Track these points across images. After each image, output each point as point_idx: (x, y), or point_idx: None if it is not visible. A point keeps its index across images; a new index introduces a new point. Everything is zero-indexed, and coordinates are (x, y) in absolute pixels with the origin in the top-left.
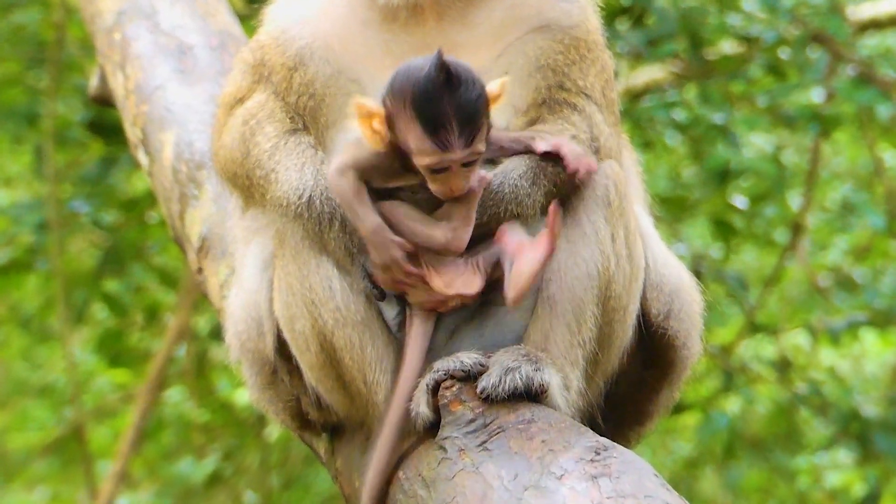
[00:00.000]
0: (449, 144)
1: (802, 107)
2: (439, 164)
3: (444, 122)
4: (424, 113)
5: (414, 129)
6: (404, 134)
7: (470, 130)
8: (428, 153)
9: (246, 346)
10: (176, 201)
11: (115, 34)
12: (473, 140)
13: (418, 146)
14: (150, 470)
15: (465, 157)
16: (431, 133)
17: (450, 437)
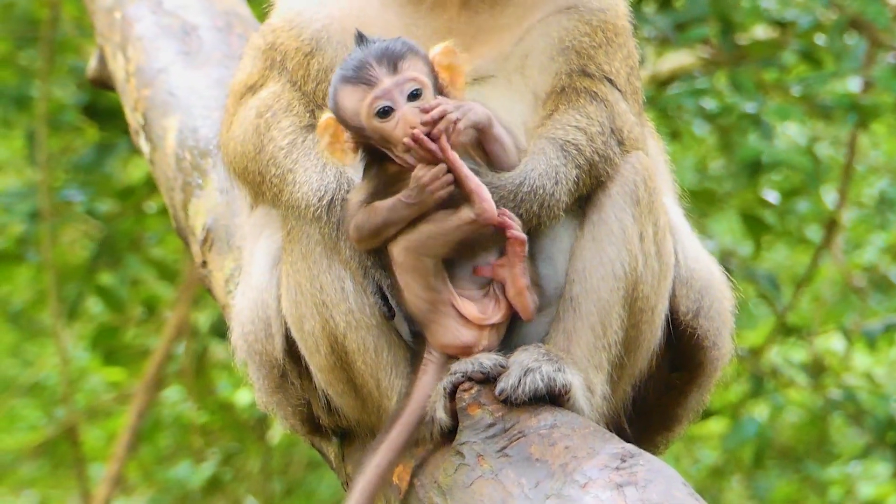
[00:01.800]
0: (374, 77)
1: (839, 96)
2: (378, 103)
3: (363, 63)
4: (345, 71)
5: (346, 93)
6: (346, 111)
7: (389, 58)
8: (362, 99)
9: (253, 348)
10: (179, 191)
11: (116, 14)
12: (397, 67)
13: (356, 103)
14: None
15: (398, 84)
16: (355, 79)
17: (468, 443)
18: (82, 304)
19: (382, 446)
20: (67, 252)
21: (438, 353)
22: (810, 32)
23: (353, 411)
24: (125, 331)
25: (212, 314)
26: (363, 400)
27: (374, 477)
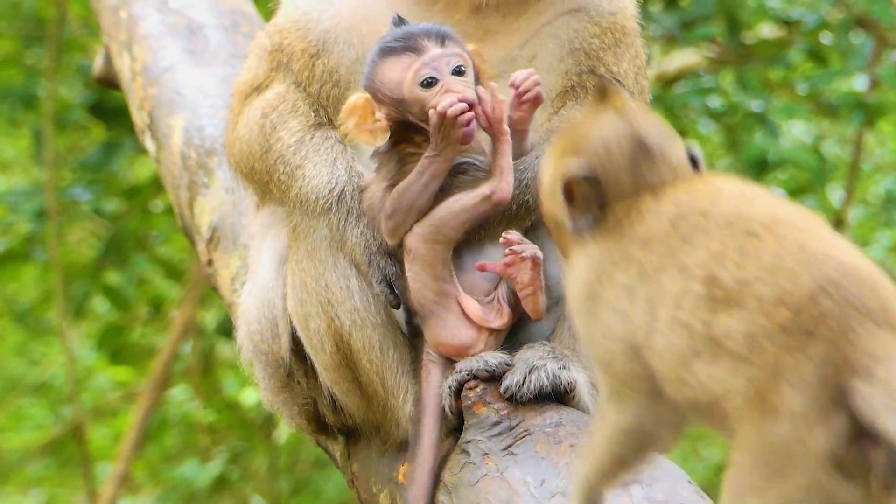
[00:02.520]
0: (422, 47)
1: (845, 95)
2: (425, 70)
3: (409, 35)
4: (388, 43)
5: (388, 64)
6: (387, 84)
7: (437, 34)
8: (409, 67)
9: (260, 347)
10: (185, 189)
11: (122, 12)
12: (446, 42)
13: (400, 72)
14: (152, 473)
15: (445, 55)
16: (401, 48)
17: (473, 441)
18: (89, 303)
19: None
20: (74, 251)
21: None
22: (816, 31)
23: (358, 410)
24: (132, 330)
25: (218, 313)
26: (368, 398)
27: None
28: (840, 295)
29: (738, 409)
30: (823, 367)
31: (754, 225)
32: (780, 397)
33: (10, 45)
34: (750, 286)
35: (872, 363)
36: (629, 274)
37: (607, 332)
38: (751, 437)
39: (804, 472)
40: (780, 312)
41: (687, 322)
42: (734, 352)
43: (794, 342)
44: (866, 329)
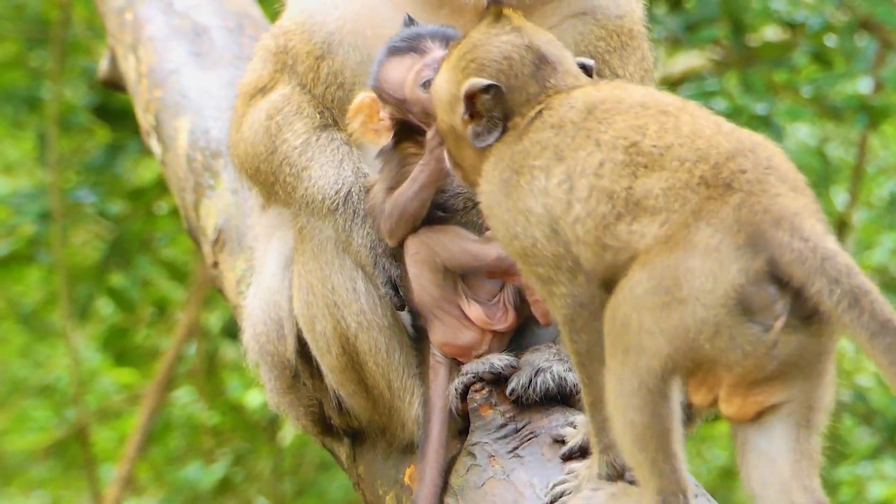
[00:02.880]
0: (426, 48)
1: (849, 97)
2: (427, 74)
3: (415, 35)
4: (395, 43)
5: (393, 63)
6: (390, 83)
7: (443, 36)
8: (411, 68)
9: (265, 349)
10: (190, 191)
11: (127, 15)
12: (451, 44)
13: (403, 72)
14: (156, 475)
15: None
16: (406, 48)
17: (479, 443)
18: (93, 304)
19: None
20: (78, 253)
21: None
22: (821, 33)
23: (364, 412)
24: (136, 332)
25: (223, 315)
26: (374, 400)
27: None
28: (756, 157)
29: (647, 247)
30: (741, 211)
31: (668, 107)
32: (697, 234)
33: (15, 47)
34: (671, 149)
35: (791, 216)
36: (544, 158)
37: (527, 219)
38: (657, 265)
39: (706, 304)
40: (700, 167)
41: (609, 189)
42: (654, 207)
43: (713, 192)
44: (782, 189)
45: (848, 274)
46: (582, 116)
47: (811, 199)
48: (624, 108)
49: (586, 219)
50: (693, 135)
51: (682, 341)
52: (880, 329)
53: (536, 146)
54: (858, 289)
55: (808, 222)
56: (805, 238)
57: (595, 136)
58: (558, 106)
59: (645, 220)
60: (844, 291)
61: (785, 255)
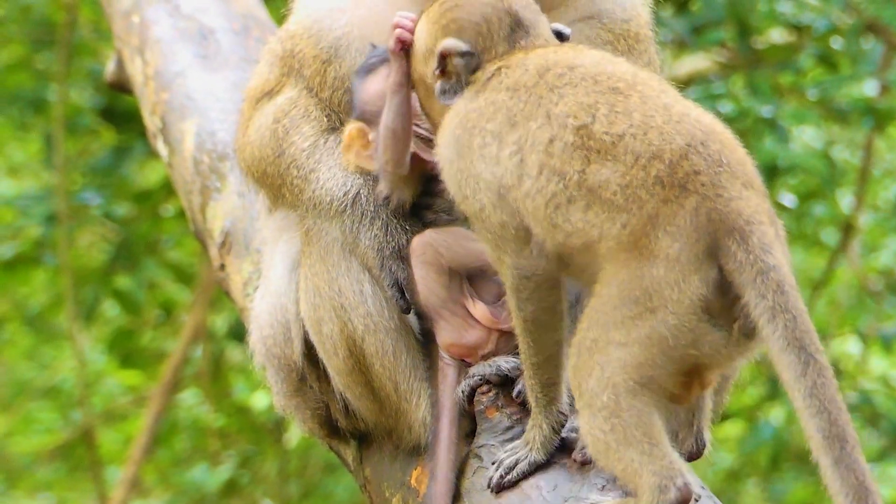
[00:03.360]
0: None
1: (855, 100)
2: None
3: (382, 51)
4: (365, 64)
5: (369, 81)
6: (370, 99)
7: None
8: (388, 76)
9: (272, 352)
10: (197, 194)
11: (134, 17)
12: None
13: (382, 83)
14: (162, 477)
15: None
16: (378, 62)
17: (486, 445)
18: (99, 307)
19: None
20: (84, 255)
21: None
22: (826, 36)
23: (371, 414)
24: (142, 334)
25: (228, 317)
26: (381, 403)
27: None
28: (708, 153)
29: (610, 251)
30: (698, 219)
31: (619, 83)
32: (657, 243)
33: (21, 50)
34: (623, 140)
35: (744, 225)
36: (497, 121)
37: (476, 183)
38: (622, 276)
39: (675, 312)
40: (655, 166)
41: (560, 169)
42: (611, 201)
43: (669, 194)
44: (735, 188)
45: (776, 290)
46: (534, 80)
47: (761, 193)
48: (576, 78)
49: (536, 195)
50: (644, 124)
51: (658, 349)
52: (786, 347)
53: (490, 107)
54: (781, 306)
55: (756, 232)
56: (748, 250)
57: (546, 106)
58: (515, 66)
59: (602, 213)
60: (767, 307)
61: (729, 264)
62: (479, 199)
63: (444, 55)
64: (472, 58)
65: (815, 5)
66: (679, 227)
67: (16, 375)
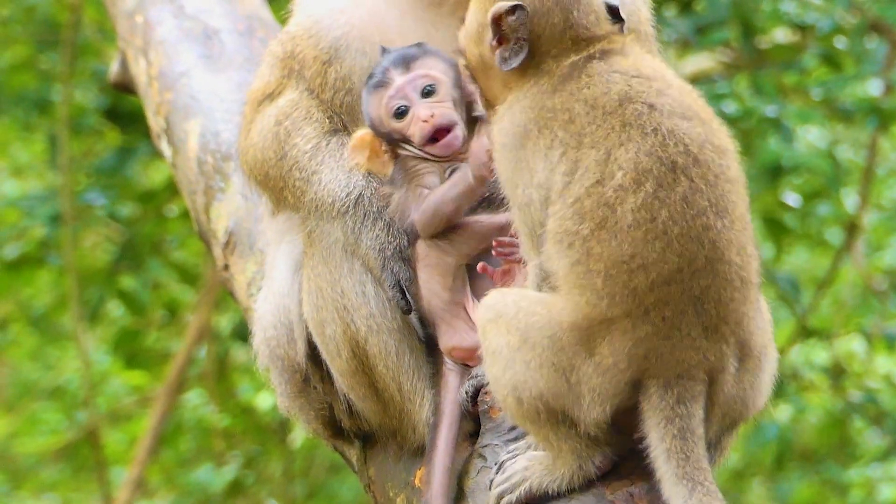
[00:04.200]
0: (389, 79)
1: (859, 99)
2: (393, 103)
3: (382, 69)
4: (368, 81)
5: (369, 101)
6: (371, 119)
7: (403, 60)
8: (381, 102)
9: (276, 353)
10: (201, 194)
11: (138, 17)
12: (410, 66)
13: (377, 108)
14: (167, 477)
15: (409, 81)
16: (376, 85)
17: (490, 445)
18: (104, 307)
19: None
20: (89, 256)
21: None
22: (831, 36)
23: (374, 415)
24: (146, 334)
25: (233, 318)
26: (385, 404)
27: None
28: (689, 288)
29: (566, 313)
30: (637, 349)
31: (679, 156)
32: (601, 345)
33: (25, 50)
34: (635, 232)
35: (672, 378)
36: (568, 132)
37: (531, 177)
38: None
39: (585, 404)
40: (639, 277)
41: (583, 213)
42: (593, 273)
43: (633, 309)
44: (693, 332)
45: (676, 436)
46: (613, 107)
47: (720, 338)
48: (649, 126)
49: (557, 219)
50: (663, 227)
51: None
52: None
53: (566, 113)
54: (676, 449)
55: (680, 386)
56: (663, 398)
57: (611, 143)
58: (597, 77)
59: (581, 278)
60: (664, 448)
61: (643, 402)
62: (528, 193)
63: (496, 19)
64: (524, 13)
65: (819, 5)
66: (621, 348)
67: (21, 376)
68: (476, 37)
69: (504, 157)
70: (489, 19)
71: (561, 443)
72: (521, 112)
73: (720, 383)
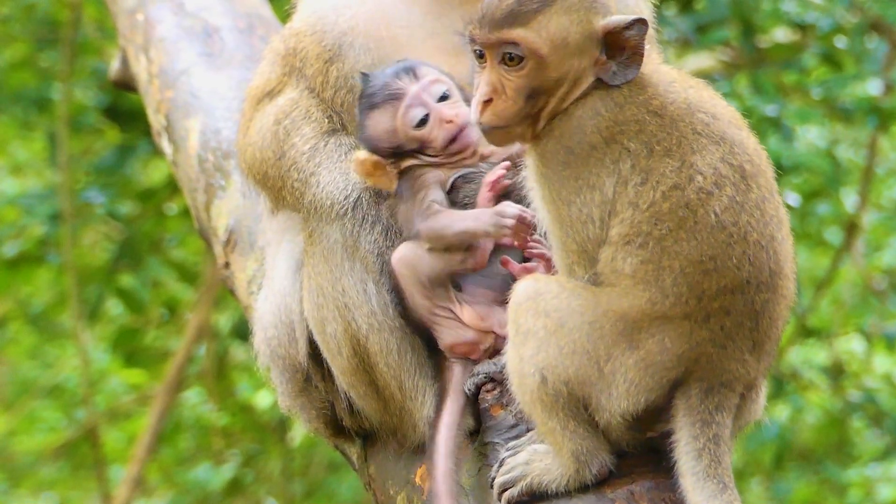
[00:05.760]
0: (400, 90)
1: (859, 99)
2: (412, 113)
3: (384, 84)
4: (368, 99)
5: (375, 117)
6: (382, 136)
7: (407, 70)
8: (396, 114)
9: (277, 353)
10: (202, 192)
11: (138, 15)
12: (418, 75)
13: (390, 121)
14: (165, 475)
15: (426, 88)
16: (383, 100)
17: (490, 443)
18: (103, 305)
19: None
20: (88, 254)
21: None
22: (831, 35)
23: (375, 413)
24: (146, 332)
25: (232, 316)
26: (386, 401)
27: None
28: (752, 299)
29: (618, 304)
30: (690, 352)
31: (747, 164)
32: (649, 340)
33: (25, 48)
34: (717, 234)
35: (717, 385)
36: (638, 142)
37: (591, 193)
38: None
39: (612, 394)
40: (710, 280)
41: (660, 215)
42: (663, 270)
43: (695, 313)
44: (743, 347)
45: (710, 439)
46: (681, 113)
47: (765, 357)
48: (716, 134)
49: (626, 224)
50: (740, 232)
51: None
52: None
53: (635, 125)
54: (709, 451)
55: (720, 395)
56: (703, 401)
57: (685, 149)
58: (659, 87)
59: (649, 275)
60: (696, 448)
61: (681, 401)
62: (587, 211)
63: (613, 33)
64: (645, 27)
65: (819, 4)
66: (671, 347)
67: (20, 374)
68: (576, 49)
69: (558, 174)
70: (601, 33)
71: (565, 441)
72: (590, 128)
73: (748, 399)
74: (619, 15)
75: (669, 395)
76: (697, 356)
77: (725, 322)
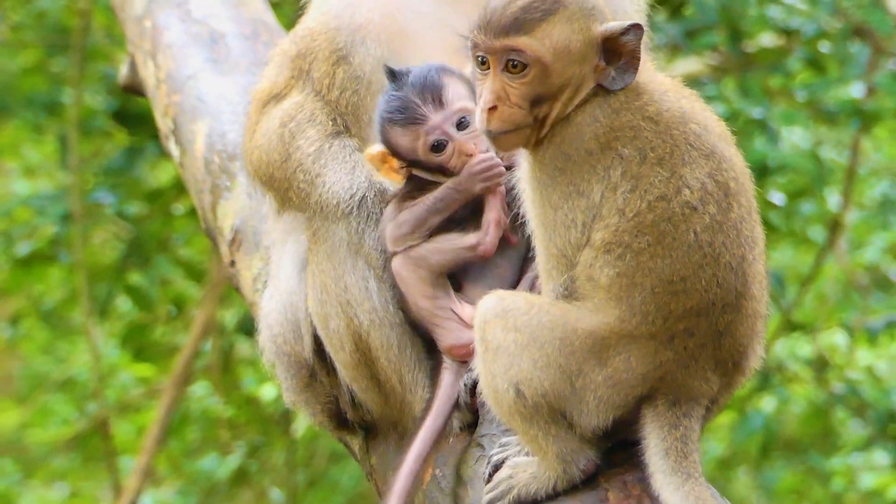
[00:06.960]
0: (423, 116)
1: (842, 101)
2: (431, 140)
3: (407, 104)
4: (392, 115)
5: (397, 133)
6: (401, 148)
7: (432, 93)
8: (417, 138)
9: (282, 350)
10: (208, 193)
11: (146, 22)
12: (443, 101)
13: (410, 142)
14: (174, 466)
15: (448, 118)
16: (404, 120)
17: (488, 435)
18: (112, 302)
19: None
20: (98, 253)
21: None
22: (815, 40)
23: (376, 406)
24: (154, 328)
25: (238, 312)
26: (386, 395)
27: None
28: (715, 321)
29: (586, 320)
30: (655, 371)
31: (731, 182)
32: (616, 357)
33: (36, 54)
34: (694, 253)
35: (682, 401)
36: (632, 148)
37: (577, 200)
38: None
39: (582, 410)
40: (678, 301)
41: (643, 227)
42: (634, 287)
43: (660, 334)
44: (706, 367)
45: (678, 439)
46: (675, 121)
47: (729, 375)
48: (707, 147)
49: (609, 230)
50: (714, 254)
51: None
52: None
53: (631, 131)
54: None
55: (685, 407)
56: (670, 410)
57: (676, 160)
58: (655, 94)
59: (621, 290)
60: (664, 447)
61: (648, 412)
62: (572, 216)
63: (610, 39)
64: (642, 32)
65: (803, 10)
66: (637, 368)
67: (33, 369)
68: (578, 56)
69: (553, 180)
70: (600, 39)
71: (549, 445)
72: (588, 134)
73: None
74: (616, 21)
75: (637, 409)
76: (662, 375)
77: (689, 343)
